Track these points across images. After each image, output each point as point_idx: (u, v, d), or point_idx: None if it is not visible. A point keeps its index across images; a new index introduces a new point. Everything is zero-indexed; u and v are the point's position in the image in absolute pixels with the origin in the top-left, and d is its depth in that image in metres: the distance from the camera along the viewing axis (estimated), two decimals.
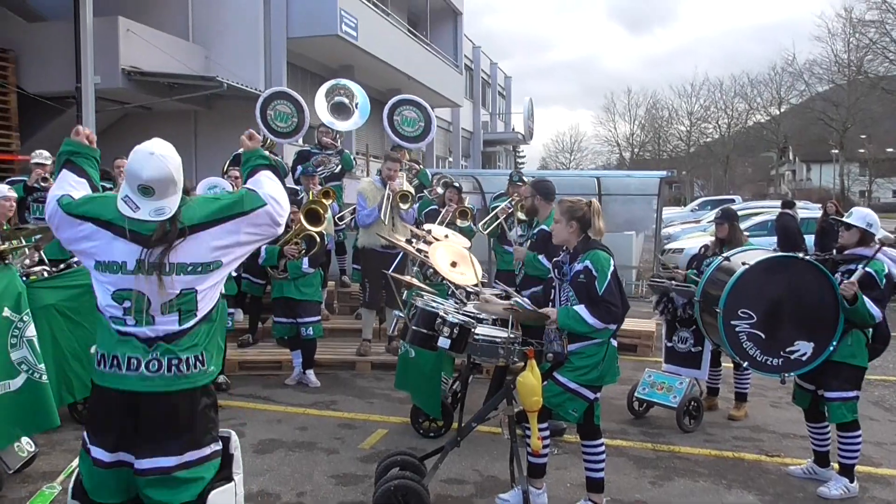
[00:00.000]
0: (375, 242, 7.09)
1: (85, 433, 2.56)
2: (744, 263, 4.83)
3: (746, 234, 7.09)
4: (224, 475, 2.64)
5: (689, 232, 18.82)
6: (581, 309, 3.84)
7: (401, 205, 7.07)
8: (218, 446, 2.63)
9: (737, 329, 4.68)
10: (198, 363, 2.54)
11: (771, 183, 52.71)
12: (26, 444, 4.43)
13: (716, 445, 5.33)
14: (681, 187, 51.82)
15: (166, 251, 2.45)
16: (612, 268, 3.85)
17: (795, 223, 12.64)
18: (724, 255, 5.32)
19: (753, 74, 48.89)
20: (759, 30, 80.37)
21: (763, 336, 4.63)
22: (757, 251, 5.33)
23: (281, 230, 2.78)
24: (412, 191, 7.26)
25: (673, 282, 6.00)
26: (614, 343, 3.96)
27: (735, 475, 4.78)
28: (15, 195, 5.97)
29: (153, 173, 2.47)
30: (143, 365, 2.47)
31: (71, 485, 2.63)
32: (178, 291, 2.49)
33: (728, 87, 48.42)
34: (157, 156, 2.50)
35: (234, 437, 2.78)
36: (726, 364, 6.18)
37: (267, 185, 2.72)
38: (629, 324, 8.54)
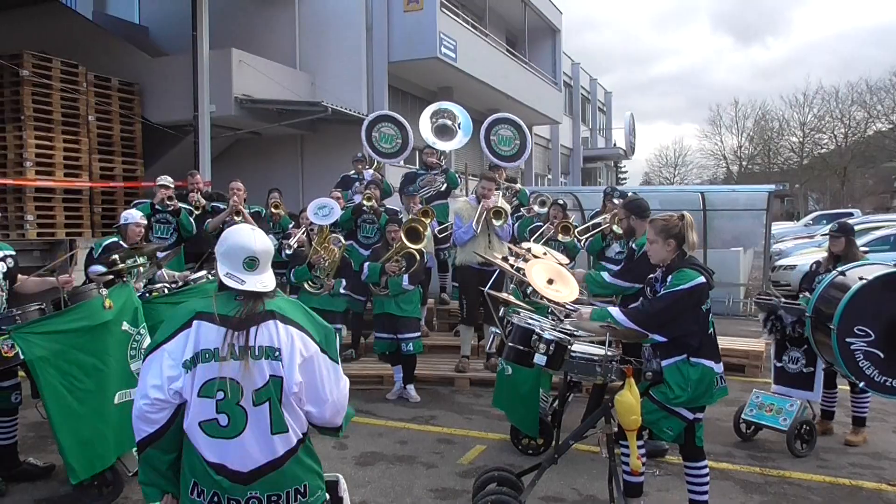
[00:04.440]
0: (472, 260, 7.18)
1: None
2: (861, 278, 4.60)
3: (865, 249, 6.72)
4: None
5: (802, 248, 17.89)
6: (612, 308, 3.84)
7: (494, 221, 7.13)
8: (323, 498, 2.58)
9: (852, 347, 4.46)
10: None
11: (895, 195, 49.43)
12: None
13: (831, 472, 5.05)
14: (793, 201, 49.38)
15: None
16: (688, 285, 3.69)
17: None
18: (839, 269, 5.08)
19: (873, 81, 45.95)
20: (879, 32, 75.56)
21: (882, 355, 4.39)
22: (875, 266, 5.06)
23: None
24: (507, 208, 7.31)
25: (781, 299, 5.76)
26: (708, 363, 3.79)
27: None
28: (145, 222, 6.46)
29: (262, 246, 2.51)
30: None
31: None
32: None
33: (844, 95, 45.83)
34: (257, 231, 2.57)
35: (342, 480, 2.78)
36: (842, 386, 5.87)
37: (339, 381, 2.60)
38: (737, 343, 8.29)
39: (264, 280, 2.48)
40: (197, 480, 2.40)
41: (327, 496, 2.60)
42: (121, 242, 6.05)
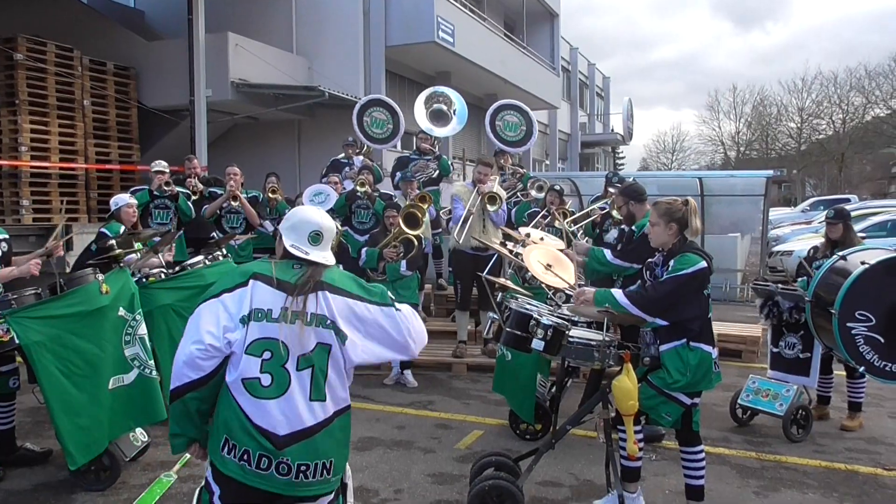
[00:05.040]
0: (466, 245, 7.16)
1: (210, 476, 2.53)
2: (863, 263, 4.59)
3: (863, 235, 6.72)
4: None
5: (799, 233, 17.90)
6: (615, 290, 3.83)
7: (489, 207, 7.10)
8: (339, 483, 2.65)
9: (853, 332, 4.47)
10: None
11: (893, 181, 49.41)
12: (140, 435, 4.73)
13: (826, 457, 5.07)
14: (791, 187, 49.39)
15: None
16: (691, 269, 3.68)
17: None
18: (840, 254, 5.07)
19: (871, 66, 45.86)
20: (878, 17, 75.20)
21: (882, 340, 4.40)
22: (876, 250, 5.04)
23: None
24: (501, 193, 7.28)
25: (779, 285, 5.76)
26: (706, 348, 3.79)
27: (848, 488, 4.54)
28: (136, 202, 6.45)
29: (328, 223, 2.67)
30: None
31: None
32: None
33: (843, 81, 45.69)
34: (323, 211, 2.76)
35: (348, 469, 2.81)
36: (838, 371, 5.88)
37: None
38: (734, 328, 8.29)
39: (326, 255, 2.62)
40: (230, 437, 2.42)
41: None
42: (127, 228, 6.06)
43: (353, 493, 2.90)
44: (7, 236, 4.78)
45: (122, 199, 6.27)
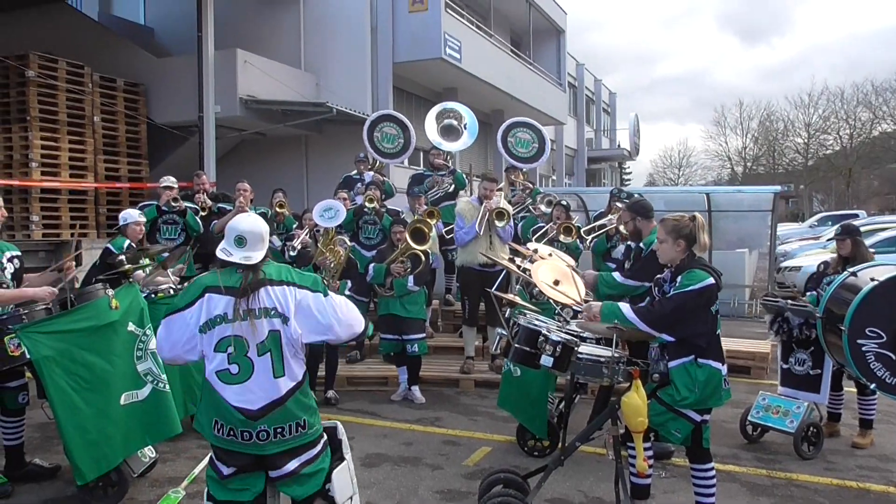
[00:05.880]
0: (473, 261, 7.17)
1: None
2: (872, 279, 4.57)
3: (872, 250, 6.65)
4: (338, 457, 3.23)
5: (807, 249, 17.84)
6: (623, 305, 3.81)
7: (497, 222, 7.11)
8: (324, 439, 3.14)
9: (864, 349, 4.44)
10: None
11: None
12: (148, 451, 4.73)
13: (838, 474, 5.03)
14: (798, 202, 49.25)
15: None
16: (699, 285, 3.68)
17: None
18: (851, 270, 5.05)
19: (878, 81, 45.74)
20: (885, 33, 75.27)
21: (893, 357, 4.37)
22: (887, 267, 5.02)
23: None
24: (508, 209, 7.30)
25: (788, 301, 5.73)
26: (715, 365, 3.78)
27: None
28: (144, 219, 6.49)
29: (248, 227, 3.07)
30: None
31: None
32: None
33: (850, 96, 45.73)
34: (252, 217, 3.17)
35: (340, 426, 3.35)
36: (849, 388, 5.84)
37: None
38: (742, 345, 8.25)
39: (249, 255, 3.02)
40: (217, 418, 2.95)
41: (325, 435, 3.15)
42: (132, 244, 6.10)
43: (348, 447, 3.36)
44: (19, 253, 4.80)
45: (131, 216, 6.30)
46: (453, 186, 9.12)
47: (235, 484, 2.99)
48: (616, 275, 5.10)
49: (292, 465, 2.99)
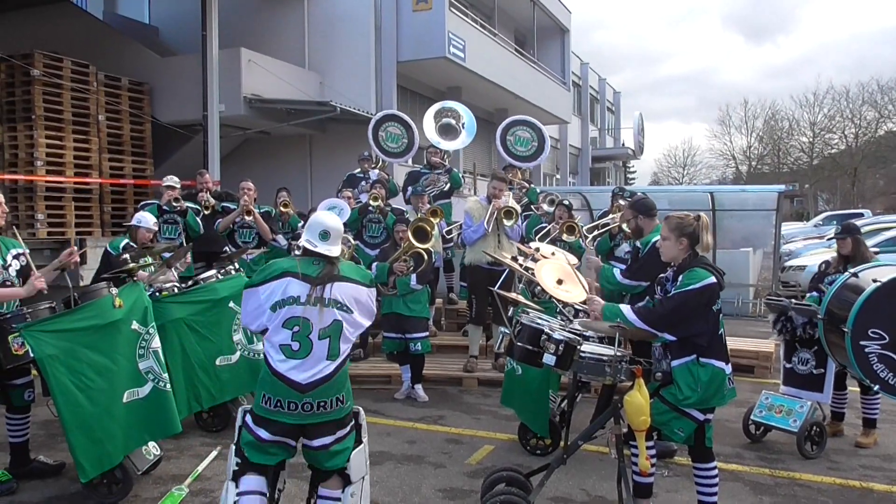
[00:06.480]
0: (481, 259, 7.17)
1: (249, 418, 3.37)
2: (875, 280, 4.56)
3: (876, 250, 6.68)
4: (358, 440, 3.56)
5: (812, 248, 17.80)
6: (624, 306, 3.84)
7: (505, 221, 7.12)
8: (353, 421, 3.50)
9: (866, 350, 4.44)
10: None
11: None
12: (153, 448, 4.74)
13: (841, 474, 5.02)
14: (803, 202, 49.09)
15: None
16: (699, 284, 3.69)
17: None
18: (852, 270, 5.05)
19: (884, 80, 45.50)
20: (890, 32, 74.81)
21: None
22: (889, 267, 5.02)
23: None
24: (517, 208, 7.30)
25: (792, 300, 5.73)
26: (718, 364, 3.78)
27: None
28: (155, 230, 6.56)
29: (333, 223, 3.46)
30: None
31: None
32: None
33: (855, 95, 45.49)
34: (335, 216, 3.57)
35: (362, 411, 3.67)
36: (852, 388, 5.83)
37: None
38: (746, 344, 8.24)
39: (331, 248, 3.41)
40: (265, 391, 3.29)
41: (354, 416, 3.54)
42: (132, 244, 6.13)
43: (366, 432, 3.68)
44: (26, 250, 4.81)
45: (146, 222, 6.37)
46: (448, 185, 9.11)
47: (273, 449, 3.33)
48: (616, 272, 5.11)
49: (326, 440, 3.34)
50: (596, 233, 7.53)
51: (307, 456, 3.43)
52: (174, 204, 7.77)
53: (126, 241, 6.27)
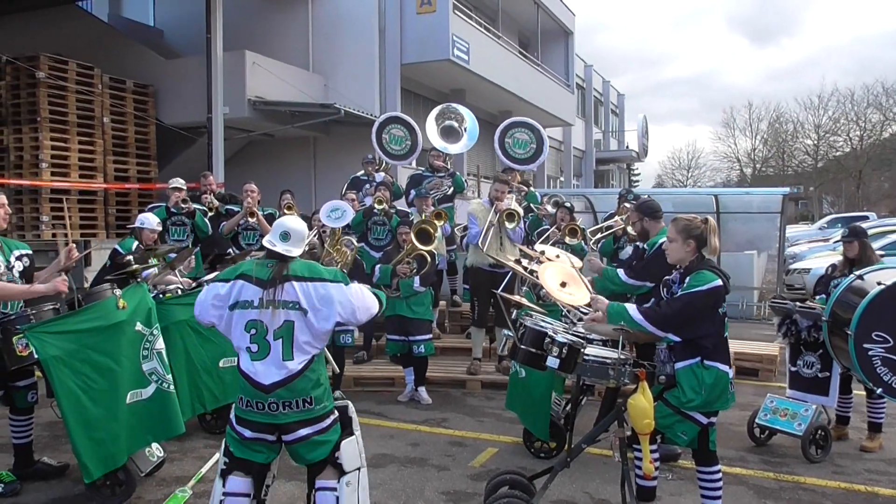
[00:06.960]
0: (483, 261, 7.17)
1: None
2: (879, 283, 4.54)
3: (881, 253, 6.64)
4: (348, 432, 3.57)
5: (817, 251, 17.74)
6: (630, 305, 3.82)
7: (507, 224, 7.11)
8: (334, 416, 3.50)
9: (870, 353, 4.42)
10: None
11: None
12: (156, 450, 4.74)
13: (846, 478, 5.00)
14: (808, 204, 48.97)
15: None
16: (706, 287, 3.67)
17: None
18: (857, 273, 5.02)
19: (889, 83, 45.39)
20: (894, 35, 74.89)
21: None
22: (893, 270, 4.99)
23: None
24: (519, 210, 7.29)
25: (797, 303, 5.70)
26: (722, 367, 3.76)
27: None
28: (160, 229, 6.57)
29: (293, 225, 3.55)
30: None
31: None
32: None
33: (860, 98, 45.39)
34: (297, 218, 3.71)
35: (350, 405, 3.68)
36: (858, 391, 5.81)
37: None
38: (751, 347, 8.22)
39: (290, 249, 3.48)
40: (240, 392, 3.40)
41: (336, 412, 3.52)
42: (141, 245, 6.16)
43: (358, 425, 3.63)
44: (30, 251, 4.82)
45: (150, 223, 6.39)
46: (452, 189, 9.10)
47: (256, 446, 3.40)
48: (620, 272, 5.10)
49: (303, 431, 3.38)
50: (599, 235, 7.52)
51: (290, 453, 3.48)
52: (182, 206, 7.79)
53: (136, 242, 6.29)
